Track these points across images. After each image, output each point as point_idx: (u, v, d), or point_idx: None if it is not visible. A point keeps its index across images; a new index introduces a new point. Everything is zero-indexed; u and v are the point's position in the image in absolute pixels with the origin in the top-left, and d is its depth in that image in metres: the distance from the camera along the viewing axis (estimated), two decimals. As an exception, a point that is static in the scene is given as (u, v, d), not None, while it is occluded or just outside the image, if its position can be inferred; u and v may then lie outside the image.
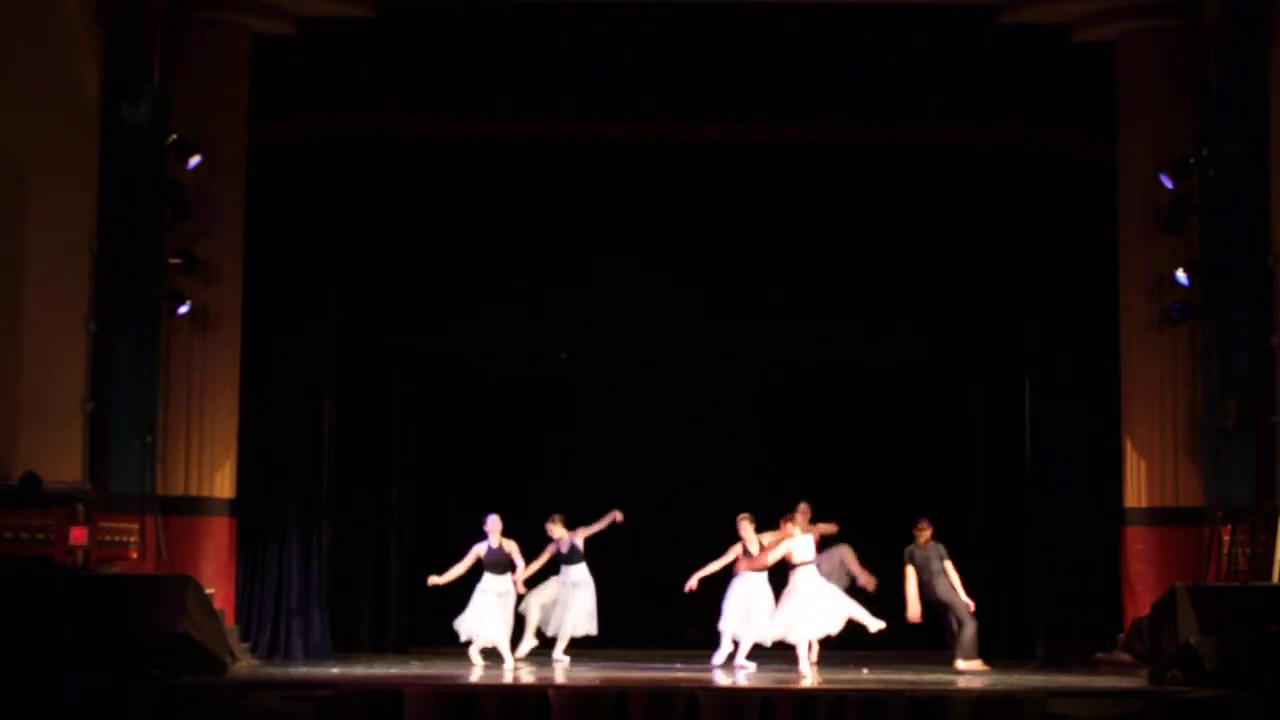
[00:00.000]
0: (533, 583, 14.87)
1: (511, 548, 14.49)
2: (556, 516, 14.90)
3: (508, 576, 14.49)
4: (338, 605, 15.64)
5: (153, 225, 14.56)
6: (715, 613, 15.37)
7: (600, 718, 11.29)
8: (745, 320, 16.13)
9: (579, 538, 14.89)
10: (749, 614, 14.37)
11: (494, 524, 14.50)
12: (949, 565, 14.28)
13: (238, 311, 15.08)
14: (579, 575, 14.90)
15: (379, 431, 16.66)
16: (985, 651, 16.24)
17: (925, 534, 14.33)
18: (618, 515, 14.86)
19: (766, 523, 15.94)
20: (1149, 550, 14.66)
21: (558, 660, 14.72)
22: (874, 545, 17.22)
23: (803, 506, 14.63)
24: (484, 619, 14.39)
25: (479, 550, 14.49)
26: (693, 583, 14.39)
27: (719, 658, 14.51)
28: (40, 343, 13.27)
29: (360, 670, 13.54)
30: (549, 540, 14.87)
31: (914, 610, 14.24)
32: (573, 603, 14.81)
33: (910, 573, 14.23)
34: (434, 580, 14.50)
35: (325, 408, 15.56)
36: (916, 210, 15.84)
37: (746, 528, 14.51)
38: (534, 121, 15.60)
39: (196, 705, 11.26)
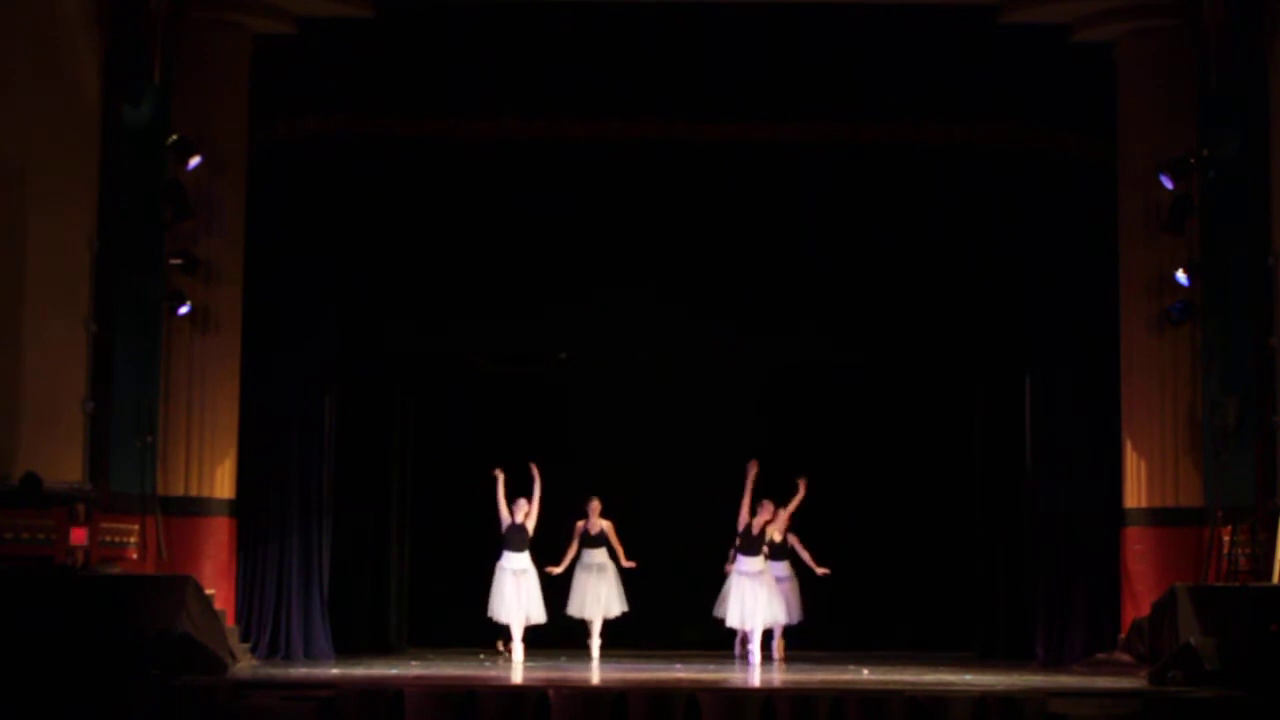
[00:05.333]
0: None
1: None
2: (596, 500, 15.54)
3: (525, 554, 15.08)
4: (338, 605, 15.64)
5: (153, 225, 14.56)
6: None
7: (600, 718, 11.29)
8: (745, 320, 16.09)
9: (608, 527, 15.48)
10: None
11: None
12: None
13: (238, 311, 15.08)
14: (601, 559, 15.37)
15: (379, 431, 16.65)
16: (985, 651, 16.34)
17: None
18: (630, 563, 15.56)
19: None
20: (1149, 550, 14.65)
21: (594, 642, 15.40)
22: (874, 546, 17.34)
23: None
24: (502, 599, 14.98)
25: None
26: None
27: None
28: (40, 343, 13.26)
29: (360, 670, 13.53)
30: (583, 516, 15.56)
31: None
32: (600, 585, 15.22)
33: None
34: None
35: (325, 407, 15.55)
36: (916, 210, 15.81)
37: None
38: (534, 121, 15.58)
39: (196, 705, 11.26)
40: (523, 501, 15.15)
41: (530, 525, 15.13)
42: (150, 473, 14.38)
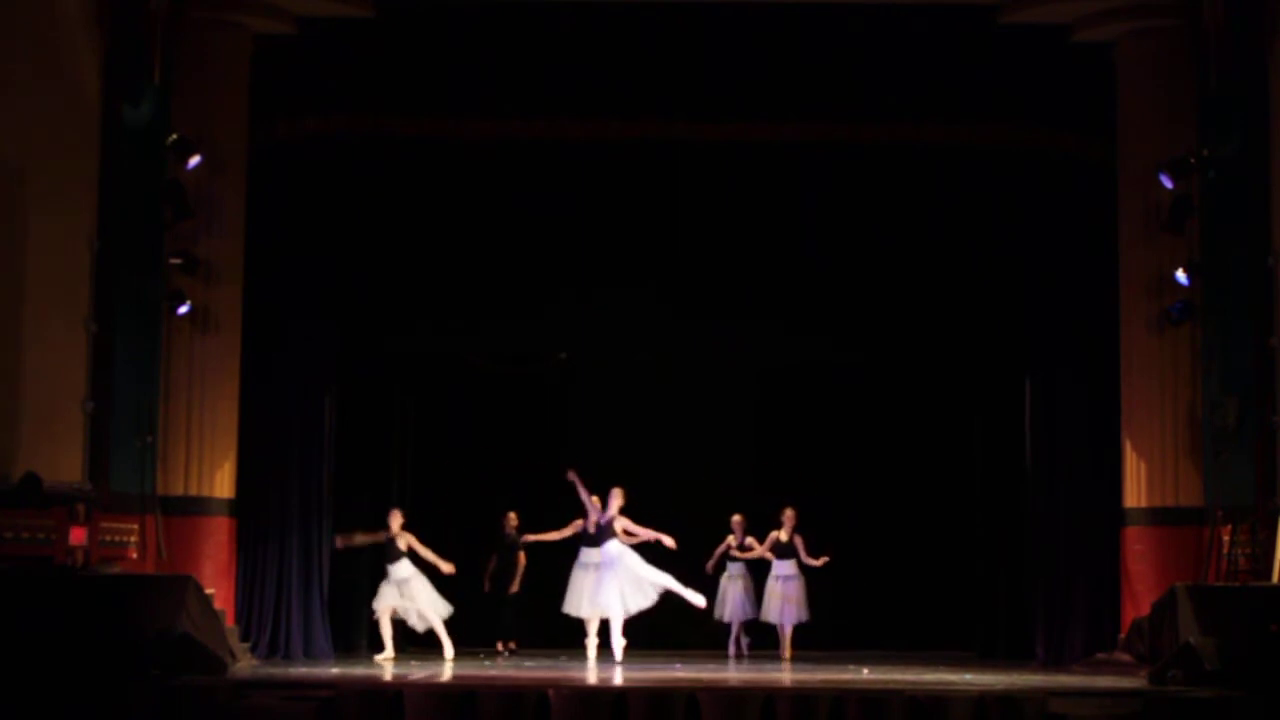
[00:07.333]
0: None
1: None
2: (596, 498, 15.35)
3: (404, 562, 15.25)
4: (338, 605, 15.64)
5: (153, 225, 14.57)
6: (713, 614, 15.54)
7: (600, 718, 11.29)
8: (745, 320, 16.11)
9: (620, 523, 15.29)
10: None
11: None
12: None
13: (238, 311, 15.08)
14: (599, 558, 15.31)
15: (379, 431, 16.66)
16: (985, 651, 16.35)
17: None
18: (669, 542, 15.22)
19: (762, 525, 16.06)
20: (1149, 550, 14.65)
21: (590, 641, 15.32)
22: (874, 546, 17.35)
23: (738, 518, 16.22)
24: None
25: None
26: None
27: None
28: (40, 343, 13.26)
29: (360, 670, 13.54)
30: (588, 508, 15.44)
31: None
32: (612, 581, 15.23)
33: None
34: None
35: (325, 407, 15.55)
36: (917, 210, 15.81)
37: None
38: (534, 121, 15.59)
39: (196, 705, 11.26)
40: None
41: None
42: (150, 473, 14.38)
